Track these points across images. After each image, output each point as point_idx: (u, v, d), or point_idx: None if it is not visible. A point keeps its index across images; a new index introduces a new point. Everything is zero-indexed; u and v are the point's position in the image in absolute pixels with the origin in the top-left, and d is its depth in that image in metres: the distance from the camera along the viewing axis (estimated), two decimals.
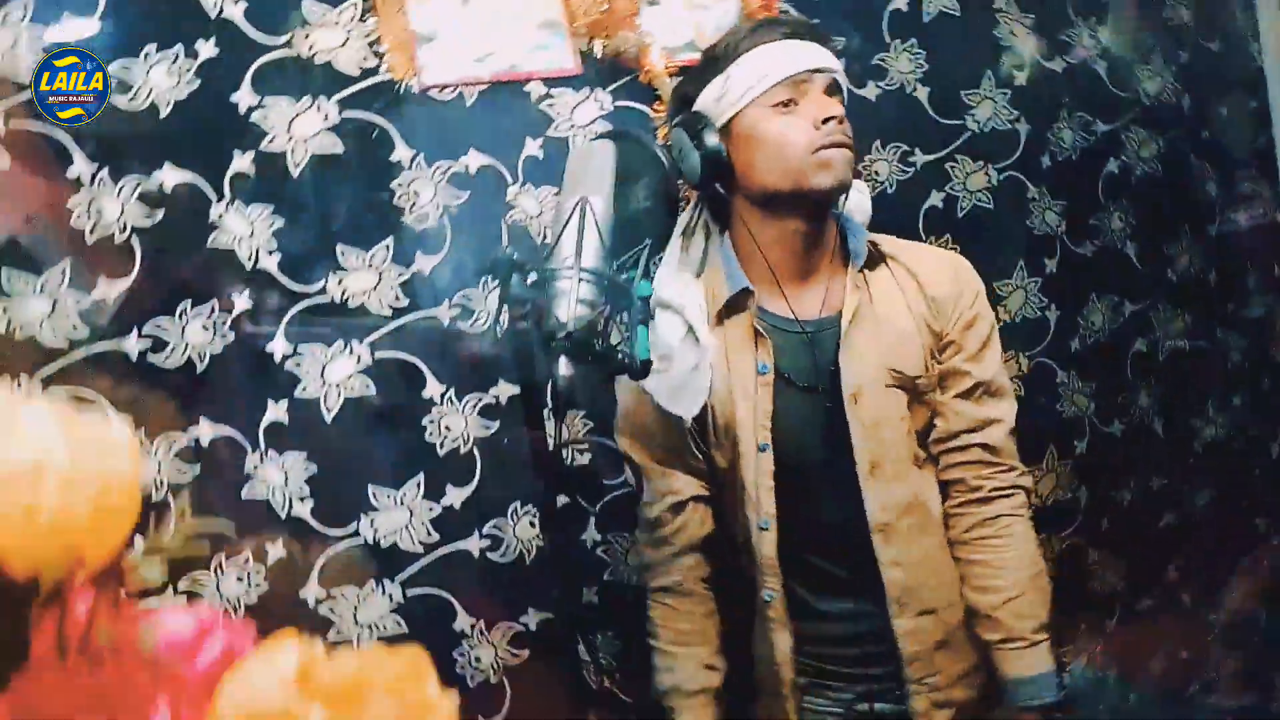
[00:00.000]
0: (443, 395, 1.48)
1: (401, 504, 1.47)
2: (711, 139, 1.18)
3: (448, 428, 1.49)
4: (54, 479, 0.34)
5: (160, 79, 1.35)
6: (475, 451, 1.51)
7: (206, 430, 1.38)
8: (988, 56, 1.83)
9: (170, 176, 1.37)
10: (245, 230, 1.40)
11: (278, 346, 1.41)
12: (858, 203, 1.31)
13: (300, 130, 1.43)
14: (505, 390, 1.50)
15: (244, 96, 1.40)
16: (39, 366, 1.30)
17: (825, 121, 1.18)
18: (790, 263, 1.25)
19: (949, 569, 1.25)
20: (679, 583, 1.31)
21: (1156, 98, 1.96)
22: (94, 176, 1.32)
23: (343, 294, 1.44)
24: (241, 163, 1.40)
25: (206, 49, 1.38)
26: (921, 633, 1.24)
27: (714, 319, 1.24)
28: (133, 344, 1.35)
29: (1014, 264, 1.84)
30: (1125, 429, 1.93)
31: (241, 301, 1.40)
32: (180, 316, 1.37)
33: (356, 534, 1.45)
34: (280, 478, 1.41)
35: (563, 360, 0.89)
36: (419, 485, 1.48)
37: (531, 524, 1.53)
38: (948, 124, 1.79)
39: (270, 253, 1.41)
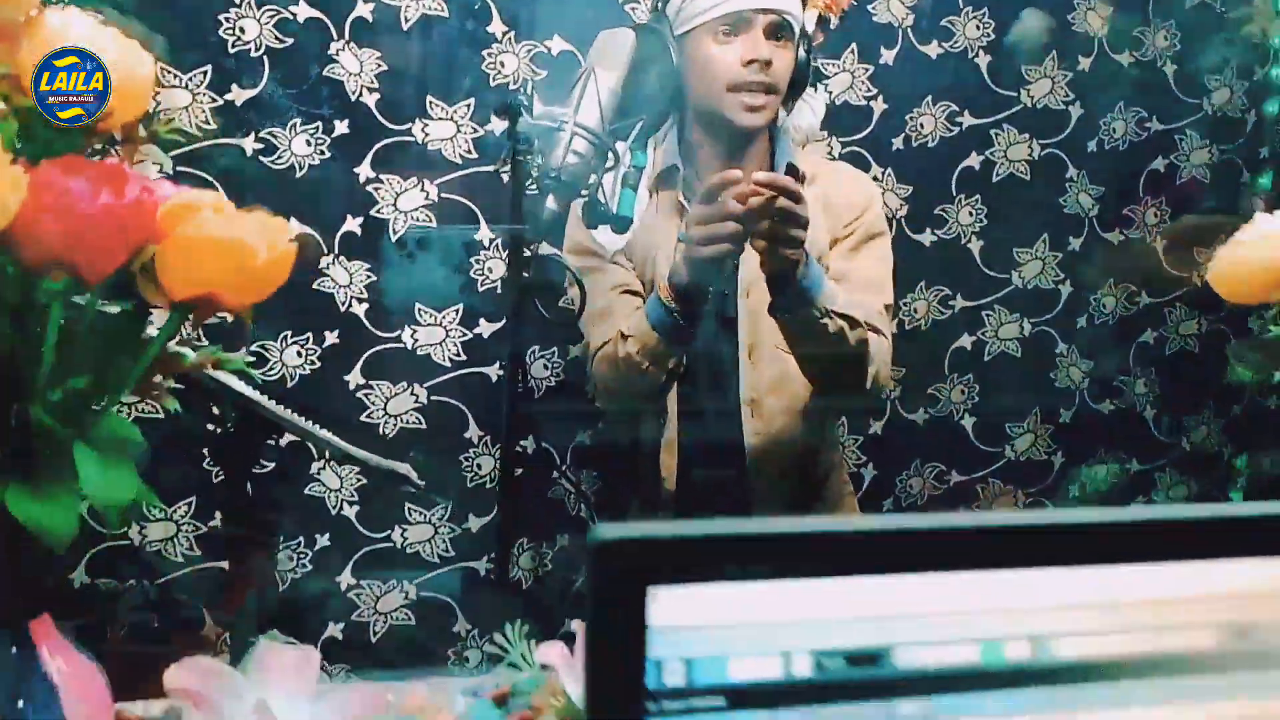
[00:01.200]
0: (490, 241, 1.74)
1: (440, 324, 1.74)
2: (669, 48, 1.32)
3: (490, 269, 1.75)
4: (107, 61, 0.59)
5: None
6: (524, 302, 1.76)
7: (295, 226, 1.66)
8: (1056, 37, 1.94)
9: (304, 11, 1.63)
10: (355, 68, 1.66)
11: (363, 170, 1.68)
12: (801, 117, 1.46)
13: None
14: (545, 249, 1.74)
15: None
16: (173, 148, 1.60)
17: (749, 64, 1.32)
18: (715, 164, 1.41)
19: (802, 441, 1.45)
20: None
21: (1220, 109, 2.03)
22: None
23: (424, 137, 1.70)
24: (364, 10, 1.66)
25: None
26: (771, 490, 1.44)
27: (653, 184, 1.42)
28: (249, 143, 1.63)
29: (1038, 235, 1.97)
30: (1115, 410, 2.06)
31: (341, 126, 1.67)
32: (290, 129, 1.65)
33: (399, 340, 1.73)
34: (346, 278, 1.69)
35: (551, 197, 1.12)
36: (457, 311, 1.74)
37: (545, 366, 1.79)
38: (1002, 93, 1.92)
39: (371, 90, 1.67)
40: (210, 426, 0.91)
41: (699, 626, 0.36)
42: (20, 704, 0.58)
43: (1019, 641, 0.39)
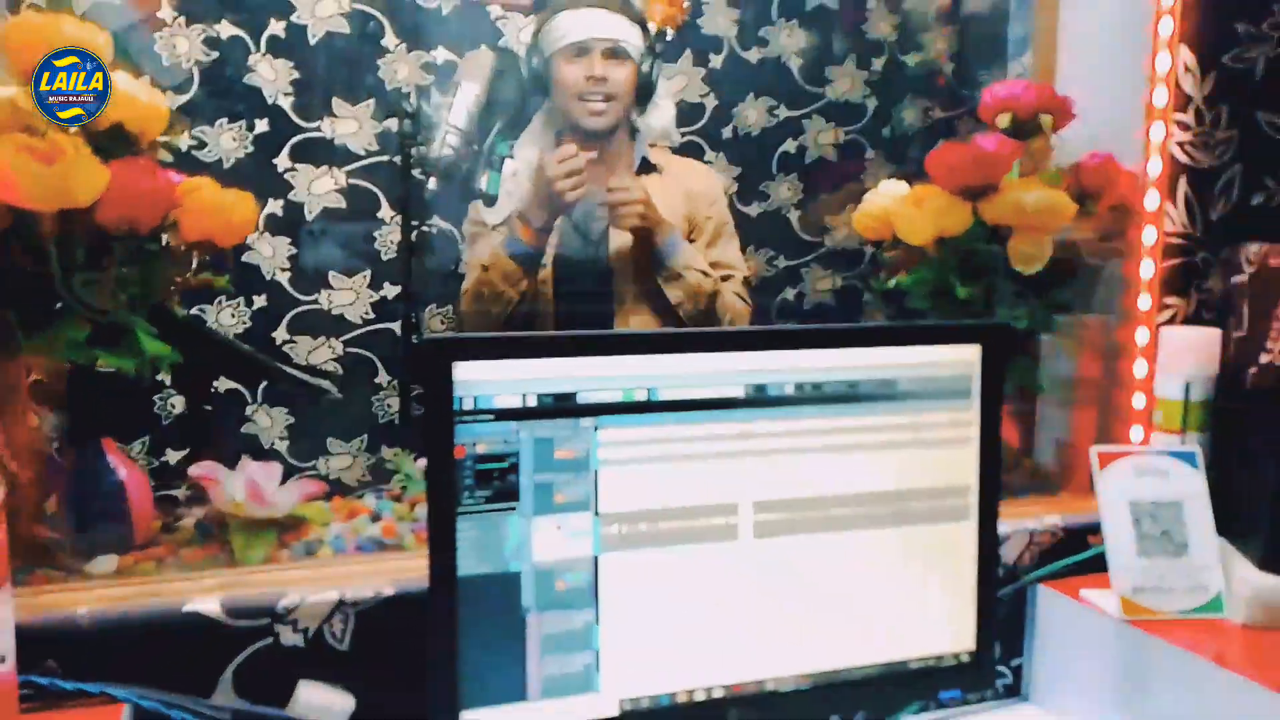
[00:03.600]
0: (391, 218, 2.10)
1: (352, 288, 2.10)
2: (537, 65, 1.74)
3: (392, 241, 2.11)
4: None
5: None
6: (412, 263, 2.12)
7: None
8: (854, 44, 2.38)
9: (226, 29, 1.97)
10: (271, 76, 2.01)
11: (281, 161, 2.03)
12: (652, 119, 1.86)
13: (320, 11, 2.02)
14: (439, 222, 2.11)
15: None
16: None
17: (589, 79, 1.73)
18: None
19: None
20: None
21: None
22: (174, 19, 1.94)
23: (333, 132, 2.05)
24: (276, 28, 2.00)
25: None
26: None
27: (535, 174, 1.81)
28: (184, 141, 1.97)
29: (844, 205, 2.41)
30: None
31: (261, 125, 2.01)
32: (219, 128, 1.99)
33: (317, 303, 2.08)
34: (270, 251, 2.04)
35: (432, 180, 1.50)
36: (365, 277, 2.10)
37: (441, 321, 2.17)
38: (810, 90, 2.36)
39: (286, 95, 2.02)
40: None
41: (481, 381, 0.76)
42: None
43: (640, 389, 0.79)
